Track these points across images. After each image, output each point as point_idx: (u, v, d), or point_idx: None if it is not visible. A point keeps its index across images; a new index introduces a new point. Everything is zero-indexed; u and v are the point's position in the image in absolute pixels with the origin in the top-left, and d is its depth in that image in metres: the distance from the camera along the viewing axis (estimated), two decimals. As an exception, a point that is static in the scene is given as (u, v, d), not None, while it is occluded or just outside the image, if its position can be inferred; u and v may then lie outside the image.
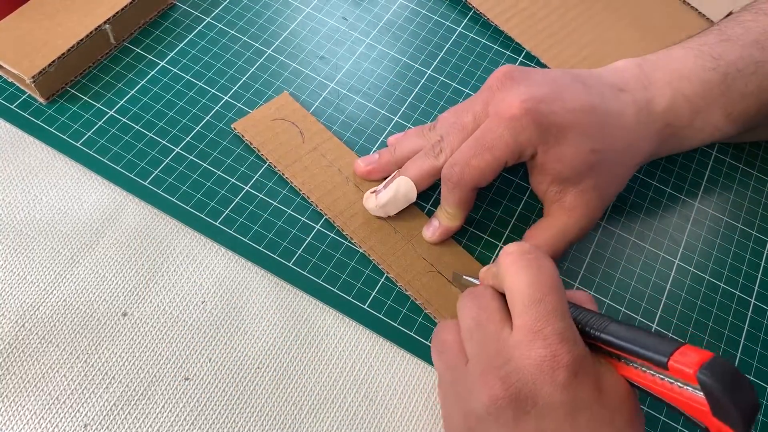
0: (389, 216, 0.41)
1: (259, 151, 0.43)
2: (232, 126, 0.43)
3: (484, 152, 0.37)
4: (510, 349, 0.29)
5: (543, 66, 0.50)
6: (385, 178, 0.42)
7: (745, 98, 0.41)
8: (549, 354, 0.28)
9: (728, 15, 0.46)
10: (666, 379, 0.27)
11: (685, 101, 0.40)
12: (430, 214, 0.42)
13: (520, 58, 0.51)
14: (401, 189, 0.39)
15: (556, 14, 0.52)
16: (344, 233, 0.41)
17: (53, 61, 0.42)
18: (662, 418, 0.38)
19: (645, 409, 0.38)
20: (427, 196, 0.43)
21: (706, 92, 0.40)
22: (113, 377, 0.36)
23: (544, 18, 0.52)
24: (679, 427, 0.37)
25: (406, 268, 0.40)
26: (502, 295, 0.32)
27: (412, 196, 0.40)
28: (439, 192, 0.40)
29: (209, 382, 0.36)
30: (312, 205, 0.42)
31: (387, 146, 0.44)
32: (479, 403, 0.29)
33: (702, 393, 0.26)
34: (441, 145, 0.39)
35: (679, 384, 0.27)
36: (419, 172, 0.39)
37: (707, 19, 0.53)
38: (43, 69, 0.42)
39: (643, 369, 0.28)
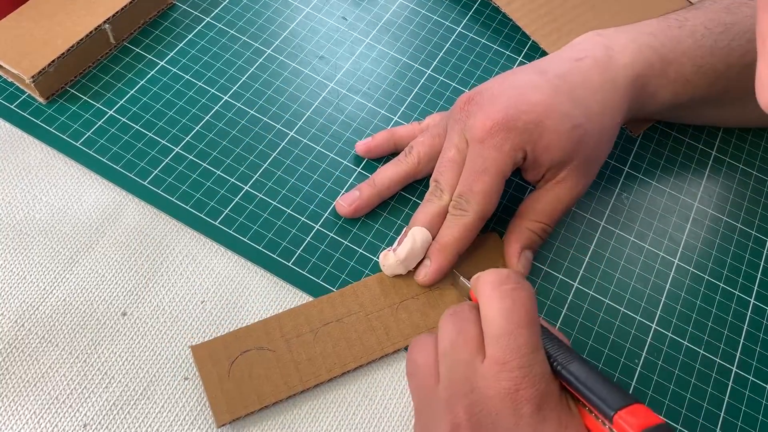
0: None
1: (268, 404, 0.35)
2: (218, 427, 0.34)
3: (482, 176, 0.38)
4: (478, 378, 0.29)
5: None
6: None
7: (715, 54, 0.42)
8: (513, 387, 0.28)
9: None
10: None
11: (653, 52, 0.41)
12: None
13: (520, 58, 0.51)
14: (418, 239, 0.39)
15: (559, 0, 0.53)
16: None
17: (53, 61, 0.42)
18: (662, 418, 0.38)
19: (644, 409, 0.38)
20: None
21: (675, 45, 0.41)
22: (113, 377, 0.36)
23: (546, 3, 0.52)
24: (679, 427, 0.38)
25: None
26: None
27: (429, 242, 0.39)
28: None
29: (209, 381, 0.36)
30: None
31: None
32: (441, 430, 0.29)
33: None
34: (440, 186, 0.39)
35: None
36: (429, 218, 0.39)
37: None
38: (43, 69, 0.42)
39: (599, 420, 0.28)
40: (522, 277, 0.31)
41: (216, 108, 0.45)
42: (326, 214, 0.42)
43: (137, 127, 0.44)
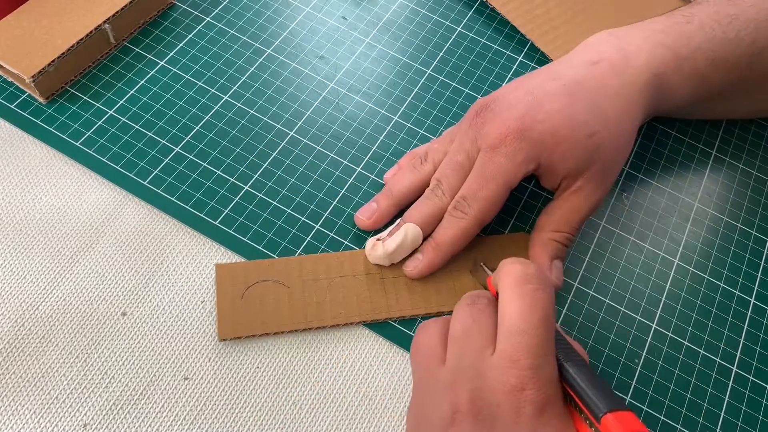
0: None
1: (268, 333, 0.37)
2: (220, 339, 0.37)
3: (489, 183, 0.37)
4: (486, 368, 0.29)
5: (541, 61, 0.50)
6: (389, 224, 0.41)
7: (725, 45, 0.42)
8: (519, 385, 0.28)
9: None
10: None
11: (666, 49, 0.41)
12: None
13: (520, 58, 0.51)
14: (409, 235, 0.39)
15: (555, 1, 0.53)
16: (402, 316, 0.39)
17: (53, 61, 0.42)
18: (662, 418, 0.38)
19: (645, 408, 0.38)
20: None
21: (686, 41, 0.41)
22: (113, 377, 0.36)
23: (542, 4, 0.52)
24: (679, 427, 0.38)
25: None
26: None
27: (419, 241, 0.39)
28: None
29: (209, 382, 0.36)
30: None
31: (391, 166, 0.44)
32: (440, 410, 0.29)
33: None
34: (441, 187, 0.39)
35: None
36: (424, 217, 0.39)
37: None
38: (43, 68, 0.42)
39: (587, 421, 0.29)
40: (545, 278, 0.31)
41: (216, 108, 0.45)
42: (326, 214, 0.42)
43: (137, 126, 0.44)
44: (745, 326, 0.41)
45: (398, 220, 0.40)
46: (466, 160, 0.39)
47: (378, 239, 0.39)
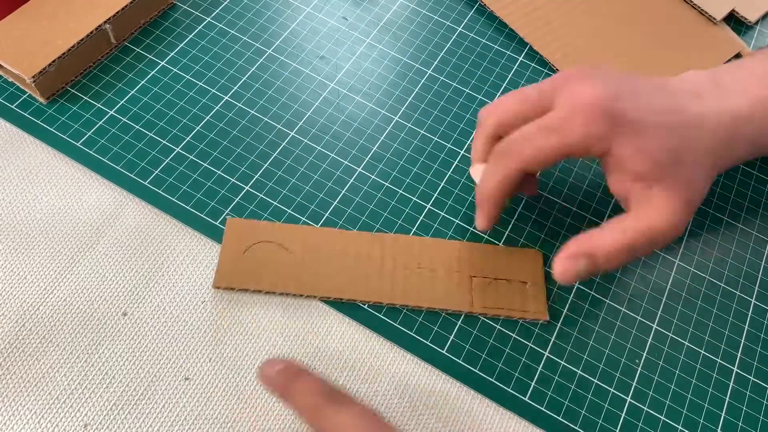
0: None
1: (260, 291, 0.38)
2: (213, 287, 0.38)
3: (551, 134, 0.34)
4: None
5: (542, 61, 0.50)
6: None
7: None
8: None
9: None
10: None
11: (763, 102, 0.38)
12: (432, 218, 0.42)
13: (521, 58, 0.51)
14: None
15: (554, 4, 0.53)
16: (400, 305, 0.39)
17: (53, 61, 0.42)
18: (662, 418, 0.38)
19: (645, 409, 0.38)
20: (427, 196, 0.43)
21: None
22: (113, 377, 0.36)
23: (541, 7, 0.52)
24: (679, 427, 0.37)
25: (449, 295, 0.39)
26: None
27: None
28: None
29: (209, 382, 0.36)
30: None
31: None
32: None
33: None
34: (489, 109, 0.38)
35: None
36: (479, 155, 0.39)
37: (702, 12, 0.53)
38: (44, 69, 0.42)
39: None
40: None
41: (217, 108, 0.45)
42: (326, 214, 0.42)
43: (138, 127, 0.44)
44: (746, 327, 0.41)
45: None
46: (535, 95, 0.37)
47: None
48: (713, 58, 0.51)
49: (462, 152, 0.46)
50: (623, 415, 0.37)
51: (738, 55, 0.52)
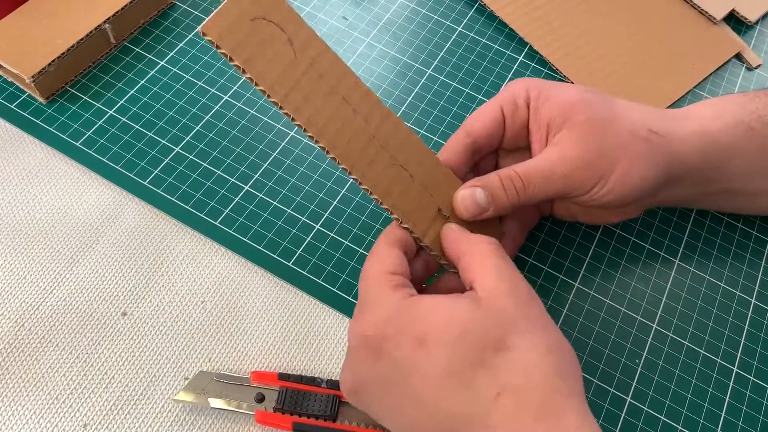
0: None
1: (243, 71, 0.30)
2: (200, 31, 0.28)
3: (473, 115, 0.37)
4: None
5: (542, 61, 0.50)
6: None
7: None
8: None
9: None
10: None
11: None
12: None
13: (521, 57, 0.51)
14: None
15: (553, 3, 0.53)
16: (363, 186, 0.33)
17: (53, 61, 0.42)
18: (662, 418, 0.38)
19: (645, 409, 0.38)
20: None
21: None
22: (113, 377, 0.36)
23: (541, 7, 0.52)
24: (679, 427, 0.37)
25: (432, 226, 0.35)
26: None
27: None
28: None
29: (209, 382, 0.36)
30: (323, 153, 0.35)
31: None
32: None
33: None
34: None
35: None
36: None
37: (702, 11, 0.53)
38: (43, 68, 0.42)
39: None
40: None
41: (216, 108, 0.45)
42: (326, 214, 0.42)
43: (137, 126, 0.44)
44: (746, 327, 0.41)
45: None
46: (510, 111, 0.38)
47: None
48: (713, 57, 0.51)
49: (462, 152, 0.45)
50: (623, 415, 0.37)
51: (738, 55, 0.52)
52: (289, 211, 0.42)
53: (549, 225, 0.43)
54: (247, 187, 0.42)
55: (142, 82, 0.46)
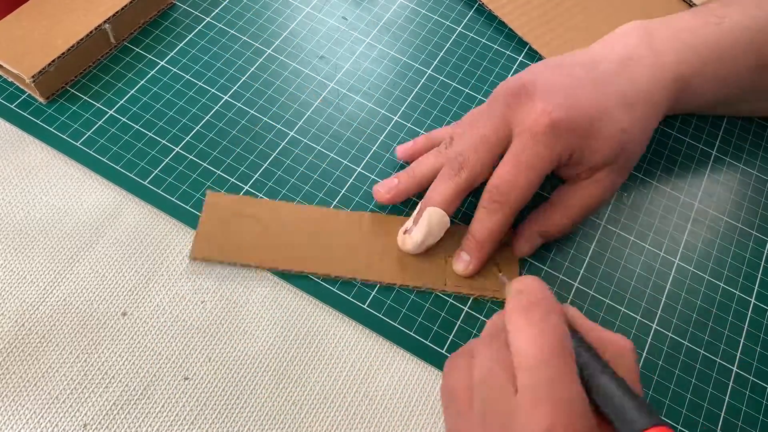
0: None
1: (236, 263, 0.39)
2: (190, 258, 0.39)
3: (528, 171, 0.37)
4: (514, 411, 0.27)
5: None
6: (409, 202, 0.41)
7: (749, 52, 0.42)
8: (550, 424, 0.26)
9: None
10: None
11: (693, 53, 0.41)
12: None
13: (521, 58, 0.51)
14: (434, 220, 0.38)
15: (552, 3, 0.53)
16: (380, 282, 0.40)
17: (53, 61, 0.42)
18: (662, 418, 0.38)
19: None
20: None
21: (714, 44, 0.41)
22: (113, 377, 0.36)
23: (539, 6, 0.52)
24: (679, 427, 0.37)
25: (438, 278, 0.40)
26: None
27: (446, 221, 0.39)
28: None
29: (209, 382, 0.36)
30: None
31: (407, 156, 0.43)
32: None
33: None
34: (460, 160, 0.38)
35: None
36: (445, 198, 0.38)
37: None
38: (43, 68, 0.42)
39: None
40: (552, 300, 0.29)
41: (216, 108, 0.45)
42: (326, 214, 0.42)
43: (137, 126, 0.44)
44: (746, 326, 0.41)
45: (420, 204, 0.39)
46: (493, 135, 0.38)
47: (405, 232, 0.40)
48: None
49: (462, 152, 0.45)
50: (623, 414, 0.37)
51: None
52: (289, 211, 0.42)
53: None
54: (246, 187, 0.42)
55: (142, 82, 0.46)
